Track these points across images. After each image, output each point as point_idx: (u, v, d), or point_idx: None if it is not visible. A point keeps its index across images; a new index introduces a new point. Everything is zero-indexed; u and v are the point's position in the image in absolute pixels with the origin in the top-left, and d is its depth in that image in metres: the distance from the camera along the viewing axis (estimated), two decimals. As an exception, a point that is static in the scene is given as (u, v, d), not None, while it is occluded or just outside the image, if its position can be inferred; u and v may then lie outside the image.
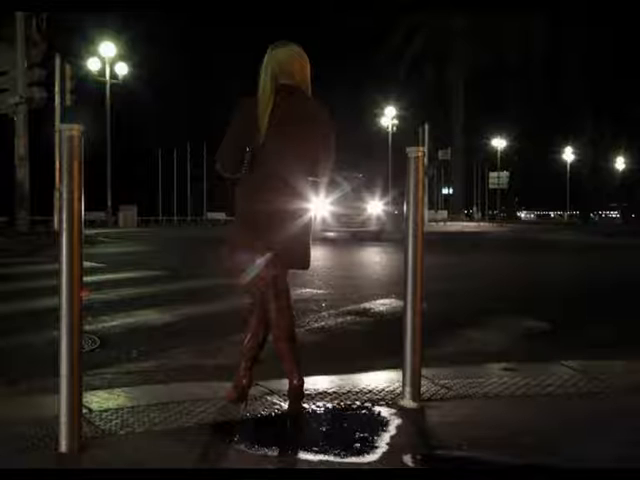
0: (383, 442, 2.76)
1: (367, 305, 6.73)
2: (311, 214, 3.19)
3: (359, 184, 19.99)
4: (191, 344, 4.86)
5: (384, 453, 2.65)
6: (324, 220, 17.77)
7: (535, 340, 5.30)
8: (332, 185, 15.69)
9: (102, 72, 31.66)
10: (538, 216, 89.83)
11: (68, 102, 20.23)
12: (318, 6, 49.79)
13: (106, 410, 3.08)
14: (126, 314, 6.06)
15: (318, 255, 12.88)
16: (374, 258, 13.84)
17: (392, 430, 2.91)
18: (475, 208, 64.10)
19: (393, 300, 6.98)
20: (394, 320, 5.53)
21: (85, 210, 2.67)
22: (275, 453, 2.66)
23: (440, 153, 48.90)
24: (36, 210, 22.39)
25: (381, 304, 6.82)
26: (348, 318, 6.03)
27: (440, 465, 2.59)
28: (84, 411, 2.86)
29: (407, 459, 2.60)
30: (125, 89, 33.41)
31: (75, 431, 2.62)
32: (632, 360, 4.22)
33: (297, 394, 3.09)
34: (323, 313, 6.24)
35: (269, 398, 3.30)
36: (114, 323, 5.65)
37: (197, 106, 50.15)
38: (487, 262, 13.22)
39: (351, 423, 2.99)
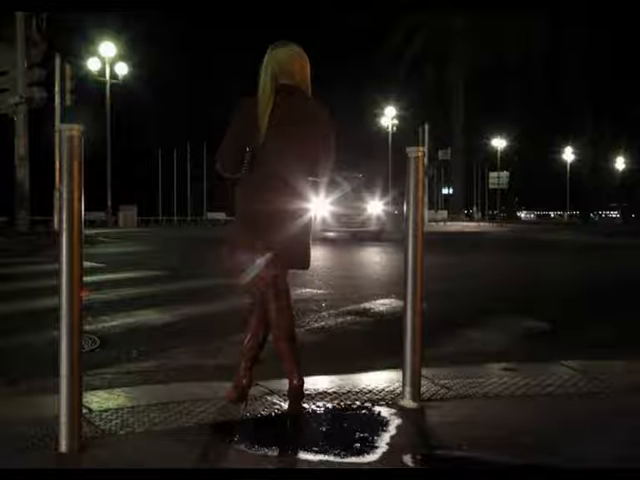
0: (383, 442, 2.76)
1: (367, 305, 6.73)
2: (311, 214, 3.19)
3: (359, 184, 19.99)
4: (191, 344, 4.86)
5: (384, 453, 2.65)
6: (324, 220, 17.76)
7: (535, 340, 5.30)
8: (332, 185, 15.69)
9: (102, 72, 31.67)
10: (538, 216, 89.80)
11: (68, 102, 20.22)
12: (318, 6, 49.83)
13: (106, 410, 3.08)
14: (126, 314, 6.06)
15: (318, 255, 12.87)
16: (374, 258, 13.83)
17: (392, 430, 2.91)
18: (475, 208, 64.08)
19: (393, 300, 6.98)
20: (394, 320, 5.53)
21: (85, 210, 2.67)
22: (275, 453, 2.66)
23: (440, 153, 48.90)
24: (36, 210, 22.39)
25: (381, 304, 6.82)
26: (348, 318, 6.03)
27: (440, 465, 2.59)
28: (84, 411, 2.86)
29: (407, 459, 2.60)
30: (125, 89, 33.45)
31: (75, 431, 2.62)
32: (632, 360, 4.22)
33: (297, 394, 3.09)
34: (323, 313, 6.24)
35: (269, 398, 3.30)
36: (114, 323, 5.65)
37: (197, 106, 50.21)
38: (487, 262, 13.22)
39: (351, 423, 2.99)
